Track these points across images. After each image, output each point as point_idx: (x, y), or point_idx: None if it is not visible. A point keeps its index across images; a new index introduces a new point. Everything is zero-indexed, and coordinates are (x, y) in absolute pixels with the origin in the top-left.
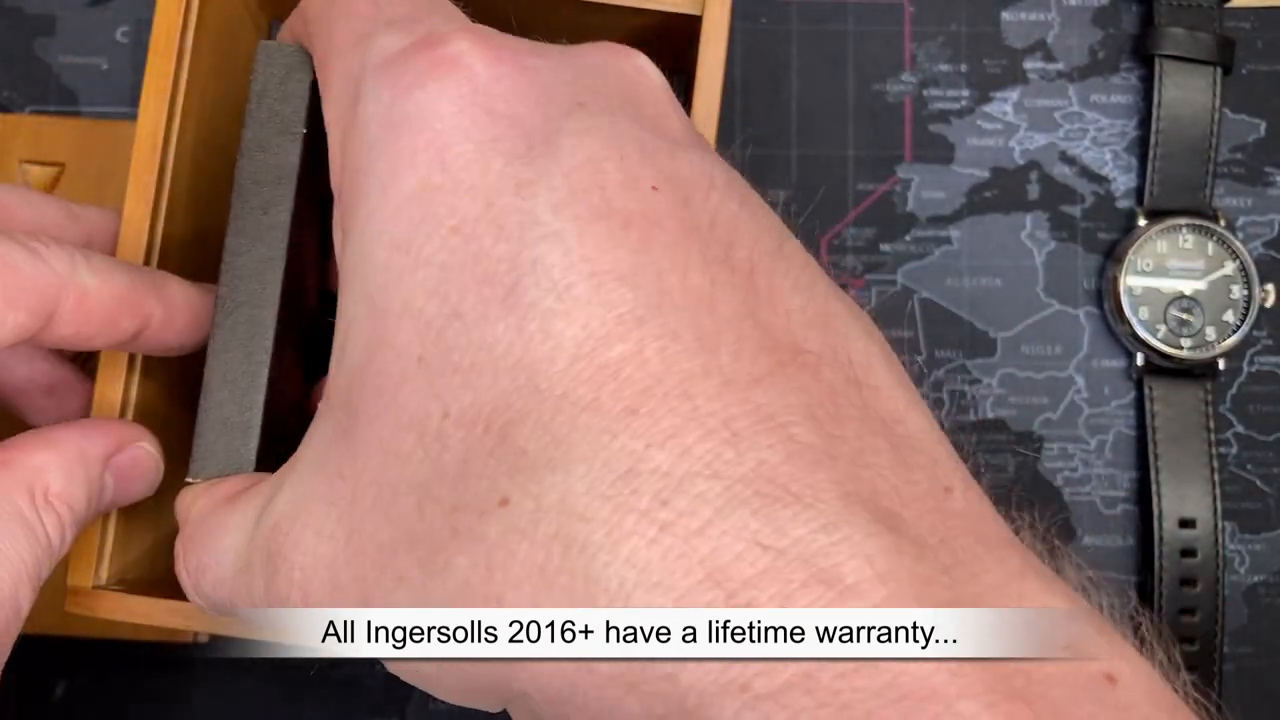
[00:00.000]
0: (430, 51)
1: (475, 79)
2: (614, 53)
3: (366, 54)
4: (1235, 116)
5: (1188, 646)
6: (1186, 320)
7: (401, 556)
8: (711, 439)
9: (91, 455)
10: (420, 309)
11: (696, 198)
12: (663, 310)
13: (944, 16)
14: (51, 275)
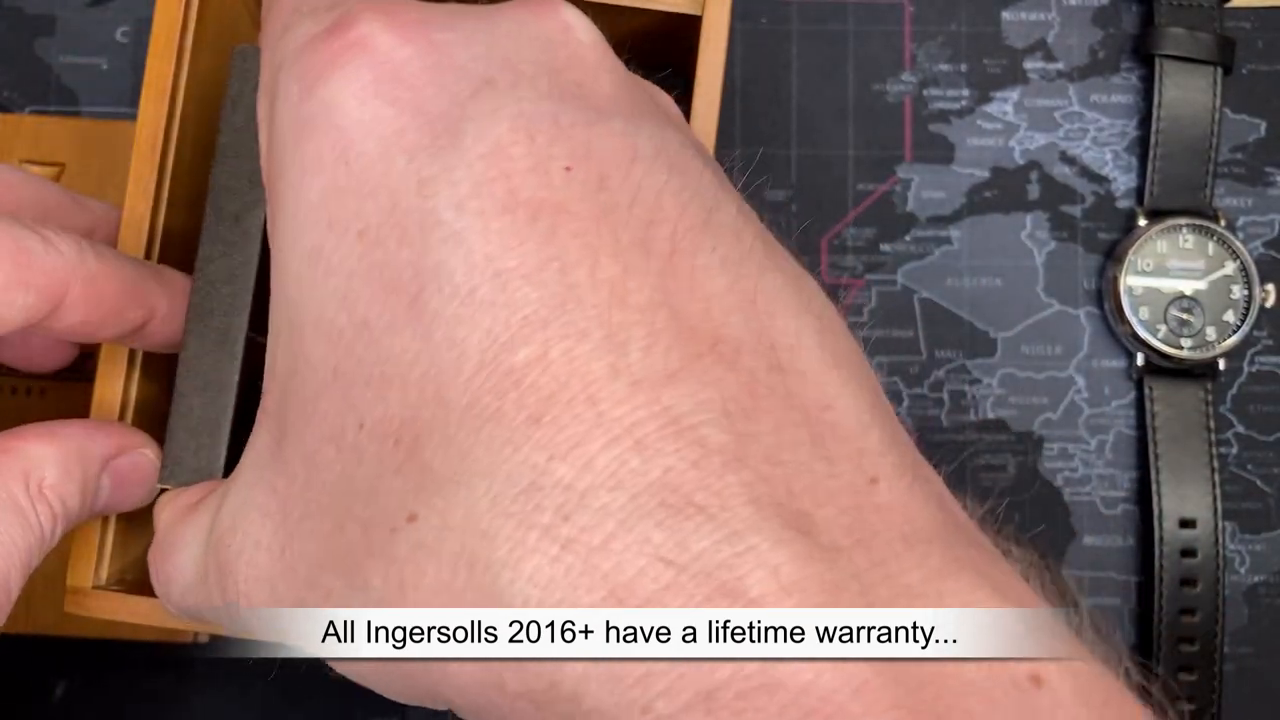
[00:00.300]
0: (337, 38)
1: (379, 63)
2: (535, 12)
3: (285, 45)
4: (1235, 116)
5: (1188, 646)
6: (1187, 320)
7: (328, 571)
8: (616, 447)
9: (91, 454)
10: (331, 319)
11: (616, 174)
12: (568, 307)
13: (944, 16)
14: (61, 260)
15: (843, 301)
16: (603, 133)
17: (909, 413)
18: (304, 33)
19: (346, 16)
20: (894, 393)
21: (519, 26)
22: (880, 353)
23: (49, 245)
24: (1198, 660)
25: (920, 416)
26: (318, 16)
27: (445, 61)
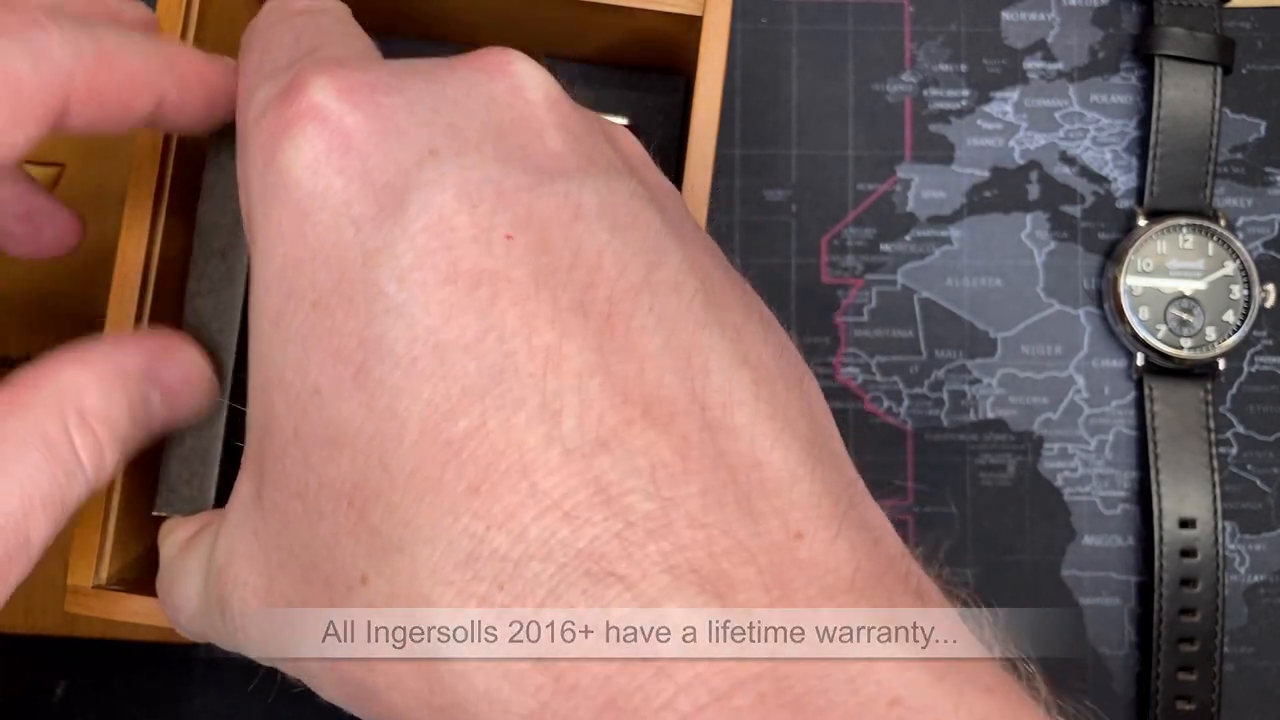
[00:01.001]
0: (290, 105)
1: (329, 132)
2: (485, 72)
3: (250, 110)
4: (1235, 116)
5: (1187, 646)
6: (1186, 320)
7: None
8: (547, 517)
9: (130, 369)
10: (290, 382)
11: (556, 235)
12: (505, 377)
13: (944, 16)
14: (56, 74)
15: (843, 301)
16: (545, 194)
17: (909, 413)
18: (263, 96)
19: (298, 80)
20: (894, 393)
21: (468, 88)
22: (880, 353)
23: (41, 58)
24: (1197, 660)
25: (920, 416)
26: (276, 78)
27: (391, 127)
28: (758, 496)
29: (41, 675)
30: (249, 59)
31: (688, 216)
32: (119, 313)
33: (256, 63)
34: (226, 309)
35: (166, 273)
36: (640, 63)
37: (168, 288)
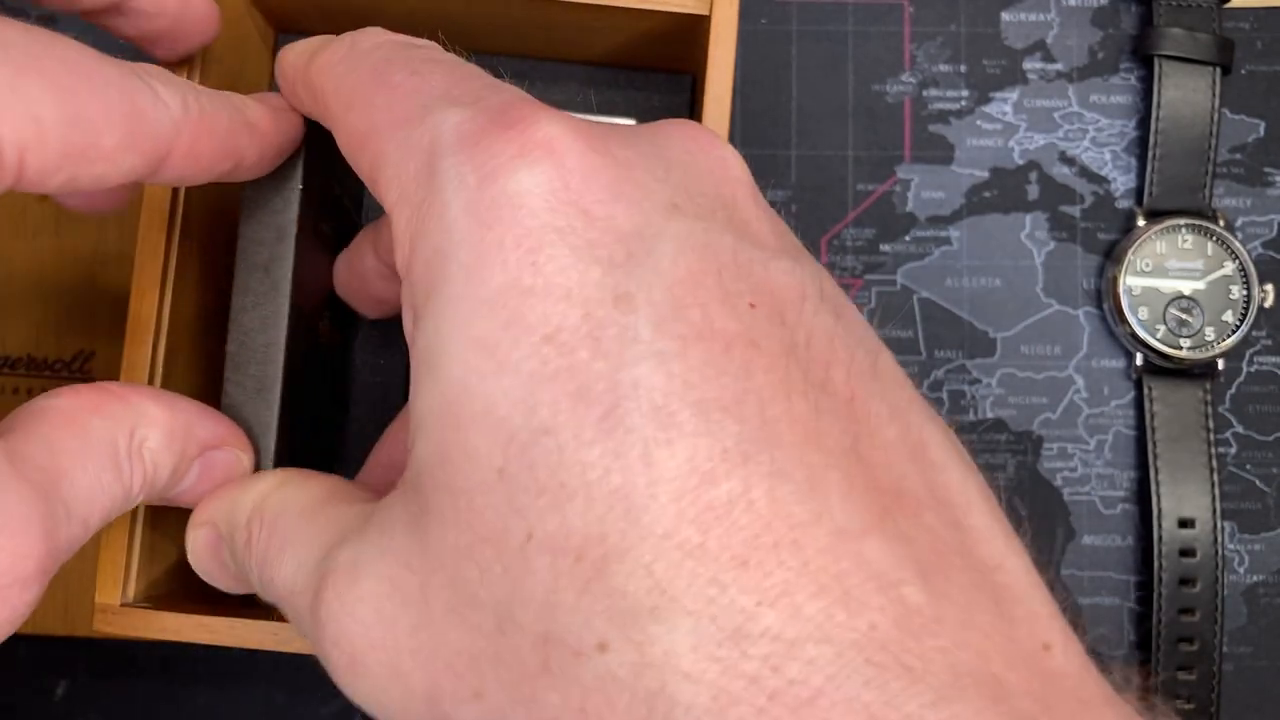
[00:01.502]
0: (518, 134)
1: (568, 171)
2: (700, 143)
3: (437, 129)
4: (1234, 117)
5: (1186, 646)
6: (1186, 320)
7: (482, 671)
8: (824, 597)
9: (195, 435)
10: (504, 418)
11: (791, 314)
12: (769, 445)
13: (943, 17)
14: (168, 120)
15: None
16: (777, 272)
17: None
18: (466, 118)
19: (519, 112)
20: None
21: (688, 157)
22: None
23: (157, 101)
24: (1196, 659)
25: None
26: (471, 103)
27: (632, 179)
28: (1007, 601)
29: (42, 675)
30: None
31: None
32: (135, 357)
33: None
34: (272, 321)
35: (183, 270)
36: (646, 64)
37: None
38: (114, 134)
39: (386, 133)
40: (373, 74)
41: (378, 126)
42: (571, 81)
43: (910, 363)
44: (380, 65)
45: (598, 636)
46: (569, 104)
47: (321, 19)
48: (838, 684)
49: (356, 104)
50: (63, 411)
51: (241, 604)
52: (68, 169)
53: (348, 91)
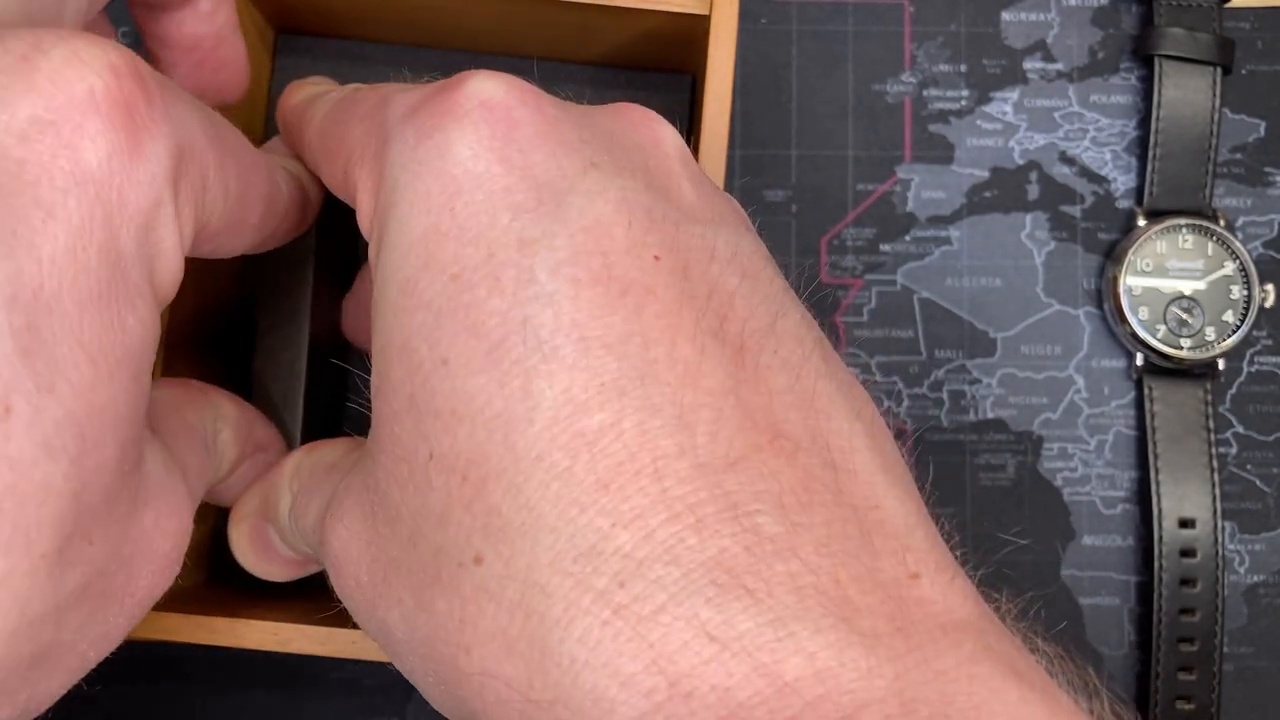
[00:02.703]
0: (453, 94)
1: (496, 120)
2: (632, 121)
3: (389, 110)
4: (1235, 117)
5: (1187, 646)
6: (1186, 320)
7: (400, 578)
8: (676, 523)
9: (254, 438)
10: (414, 350)
11: (696, 269)
12: (645, 382)
13: (944, 17)
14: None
15: (843, 301)
16: (687, 232)
17: (909, 413)
18: (411, 94)
19: (461, 78)
20: (894, 393)
21: (618, 128)
22: (880, 353)
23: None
24: (1197, 660)
25: (920, 416)
26: (422, 87)
27: (556, 134)
28: (877, 535)
29: None
30: (362, 101)
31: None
32: None
33: (375, 95)
34: (295, 339)
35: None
36: (646, 64)
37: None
38: (258, 211)
39: (352, 133)
40: (343, 101)
41: (346, 133)
42: (571, 81)
43: (910, 363)
44: (349, 95)
45: (475, 550)
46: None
47: (321, 19)
48: (679, 602)
49: (329, 127)
50: (165, 403)
51: (241, 604)
52: (219, 241)
53: (321, 123)
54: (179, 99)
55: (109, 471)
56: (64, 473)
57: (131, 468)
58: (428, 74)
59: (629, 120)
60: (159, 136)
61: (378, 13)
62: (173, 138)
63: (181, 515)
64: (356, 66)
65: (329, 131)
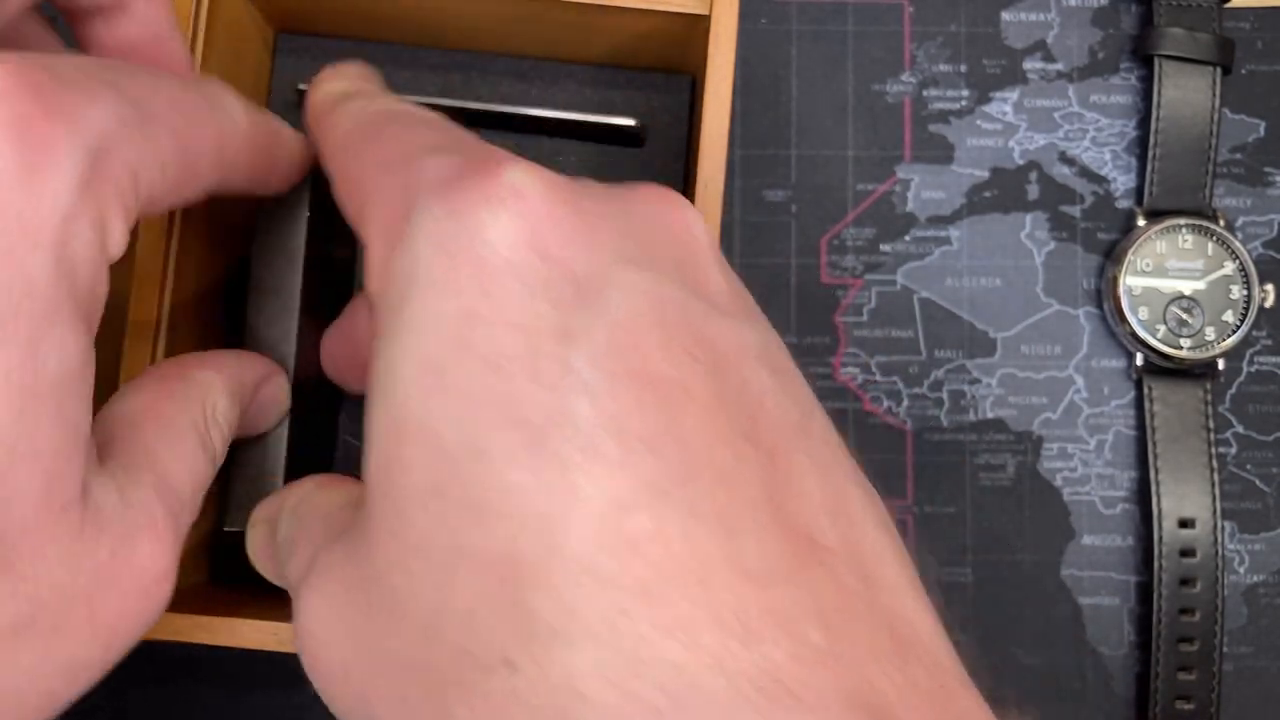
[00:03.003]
0: (488, 177)
1: (531, 216)
2: (665, 205)
3: (419, 173)
4: (1235, 117)
5: (1187, 646)
6: (1186, 320)
7: (406, 676)
8: (722, 631)
9: (246, 382)
10: (441, 435)
11: (729, 366)
12: (686, 485)
13: (943, 17)
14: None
15: (842, 301)
16: (719, 326)
17: (909, 413)
18: (444, 164)
19: (494, 161)
20: (894, 392)
21: (652, 216)
22: (880, 353)
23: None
24: (1197, 660)
25: (920, 416)
26: (452, 152)
27: (591, 227)
28: (911, 648)
29: None
30: (388, 130)
31: None
32: (135, 357)
33: (406, 134)
34: (283, 338)
35: (182, 268)
36: (646, 64)
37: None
38: (208, 159)
39: (373, 175)
40: (369, 126)
41: (366, 170)
42: (571, 81)
43: (910, 363)
44: (377, 119)
45: (506, 654)
46: (569, 104)
47: (321, 19)
48: (728, 711)
49: (350, 151)
50: (143, 410)
51: (241, 604)
52: (171, 199)
53: (343, 139)
54: (89, 92)
55: (29, 506)
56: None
57: (67, 502)
58: (428, 74)
59: (659, 208)
60: (62, 150)
61: (378, 13)
62: (81, 144)
63: (154, 542)
64: None
65: (349, 155)
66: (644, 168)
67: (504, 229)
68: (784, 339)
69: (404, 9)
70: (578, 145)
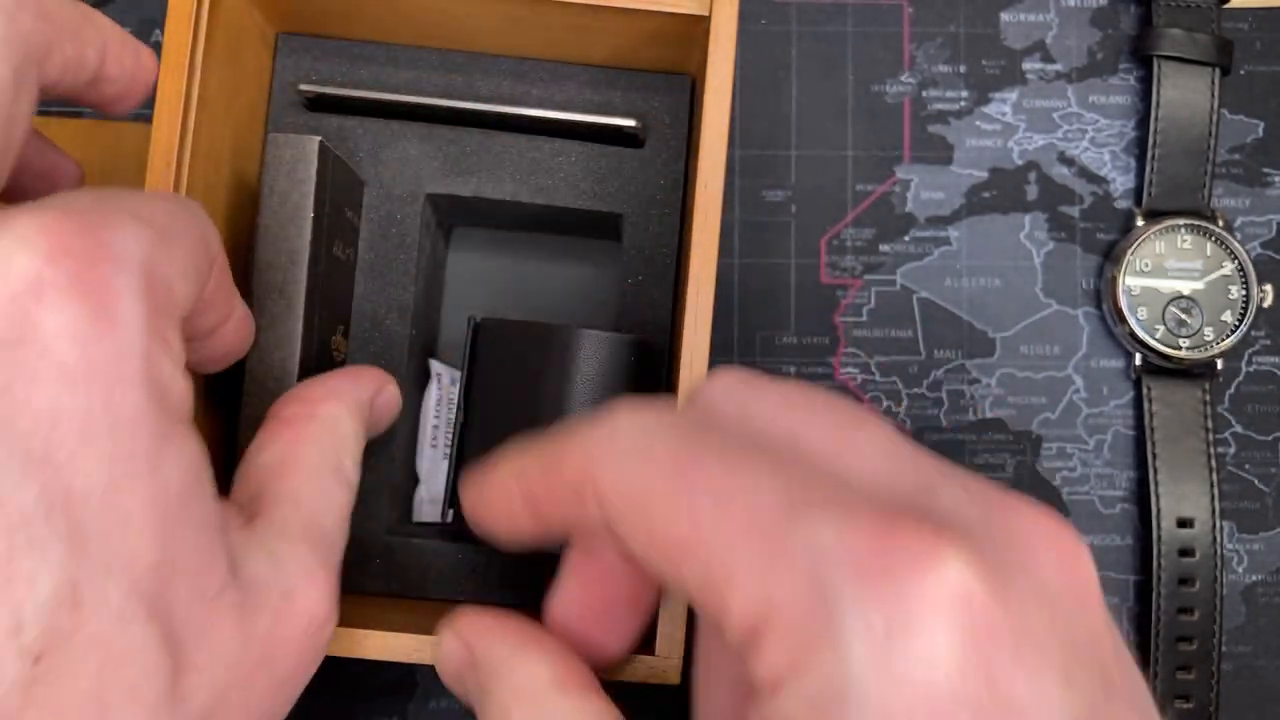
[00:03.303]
0: (924, 571)
1: (976, 629)
2: (1065, 558)
3: (813, 549)
4: (1233, 117)
5: (1185, 645)
6: (1185, 320)
7: None
8: None
9: (364, 401)
10: None
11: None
12: None
13: (943, 17)
14: None
15: (842, 301)
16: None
17: (908, 413)
18: (843, 538)
19: (921, 545)
20: (893, 392)
21: (1061, 585)
22: (879, 353)
23: None
24: (1196, 659)
25: (919, 416)
26: (840, 513)
27: (1029, 638)
28: None
29: None
30: (698, 478)
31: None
32: None
33: (730, 487)
34: (287, 339)
35: None
36: (646, 64)
37: None
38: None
39: (726, 544)
40: (675, 468)
41: (706, 534)
42: (571, 82)
43: (910, 363)
44: (682, 456)
45: None
46: (569, 104)
47: (321, 19)
48: None
49: (660, 505)
50: (281, 460)
51: None
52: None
53: (642, 490)
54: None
55: (187, 606)
56: (143, 631)
57: (221, 588)
58: (428, 74)
59: (1062, 562)
60: (122, 293)
61: (378, 13)
62: (132, 281)
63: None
64: (356, 66)
65: (650, 490)
66: (644, 168)
67: (954, 650)
68: (784, 339)
69: (404, 9)
70: (578, 146)
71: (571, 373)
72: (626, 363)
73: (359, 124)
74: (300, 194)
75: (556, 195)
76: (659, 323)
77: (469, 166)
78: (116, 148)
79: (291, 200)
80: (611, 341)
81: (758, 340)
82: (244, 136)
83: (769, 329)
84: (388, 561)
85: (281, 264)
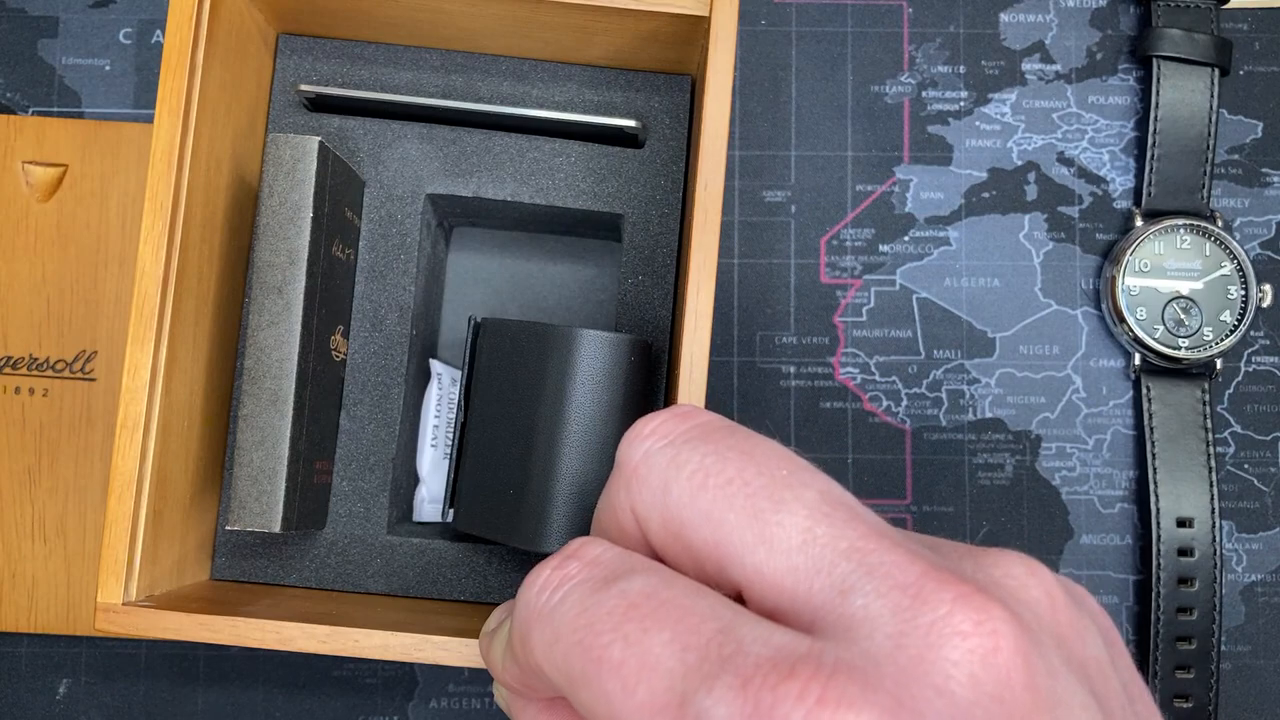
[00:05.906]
0: (976, 613)
1: (1000, 665)
2: (1078, 625)
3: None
4: (1232, 118)
5: (1185, 645)
6: (1184, 320)
7: None
8: None
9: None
10: None
11: None
12: None
13: (942, 18)
14: None
15: (842, 301)
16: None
17: (908, 412)
18: (730, 709)
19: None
20: (892, 392)
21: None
22: (879, 353)
23: None
24: (1195, 658)
25: (919, 416)
26: (722, 671)
27: (1051, 696)
28: None
29: (44, 674)
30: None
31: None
32: (137, 357)
33: (629, 666)
34: (285, 338)
35: (184, 272)
36: (646, 65)
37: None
38: None
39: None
40: (583, 650)
41: (623, 716)
42: (571, 82)
43: (909, 362)
44: (584, 635)
45: None
46: (569, 104)
47: (322, 19)
48: None
49: (584, 685)
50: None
51: (242, 604)
52: None
53: (566, 670)
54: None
55: None
56: None
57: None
58: (428, 74)
59: (1076, 625)
60: None
61: (378, 13)
62: None
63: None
64: (357, 67)
65: (571, 671)
66: (644, 168)
67: (962, 668)
68: (783, 339)
69: (404, 10)
70: (578, 146)
71: (571, 373)
72: (626, 363)
73: (359, 124)
74: (300, 194)
75: (556, 195)
76: (659, 323)
77: (469, 166)
78: (117, 148)
79: (291, 200)
80: (611, 341)
81: (758, 340)
82: (244, 137)
83: (769, 329)
84: (388, 561)
85: (281, 264)
